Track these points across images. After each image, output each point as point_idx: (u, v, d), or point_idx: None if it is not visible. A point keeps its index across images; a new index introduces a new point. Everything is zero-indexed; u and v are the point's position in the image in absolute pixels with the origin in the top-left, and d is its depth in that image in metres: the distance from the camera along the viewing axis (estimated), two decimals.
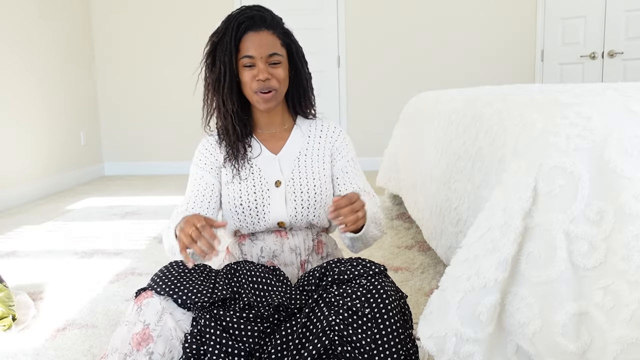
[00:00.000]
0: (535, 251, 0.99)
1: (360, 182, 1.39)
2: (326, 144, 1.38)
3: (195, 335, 1.05)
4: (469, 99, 1.80)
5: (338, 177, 1.38)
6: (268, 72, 1.24)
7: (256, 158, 1.34)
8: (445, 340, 1.02)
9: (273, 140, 1.37)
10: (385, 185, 3.18)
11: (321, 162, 1.36)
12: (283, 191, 1.31)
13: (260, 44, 1.23)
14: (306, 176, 1.33)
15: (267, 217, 1.30)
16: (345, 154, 1.39)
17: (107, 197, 4.03)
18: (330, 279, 1.13)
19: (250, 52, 1.23)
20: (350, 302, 1.04)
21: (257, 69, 1.24)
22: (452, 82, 4.86)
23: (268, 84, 1.25)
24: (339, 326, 1.01)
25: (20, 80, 3.93)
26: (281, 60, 1.26)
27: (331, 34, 4.93)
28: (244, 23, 1.23)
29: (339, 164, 1.38)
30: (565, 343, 0.93)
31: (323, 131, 1.40)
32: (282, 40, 1.27)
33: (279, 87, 1.27)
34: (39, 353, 1.54)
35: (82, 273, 2.25)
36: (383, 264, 1.17)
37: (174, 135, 5.18)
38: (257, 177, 1.32)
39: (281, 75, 1.26)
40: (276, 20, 1.27)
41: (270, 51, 1.24)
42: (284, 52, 1.27)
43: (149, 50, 5.07)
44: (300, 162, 1.35)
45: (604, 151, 0.95)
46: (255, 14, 1.24)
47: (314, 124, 1.40)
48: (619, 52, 4.40)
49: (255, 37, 1.24)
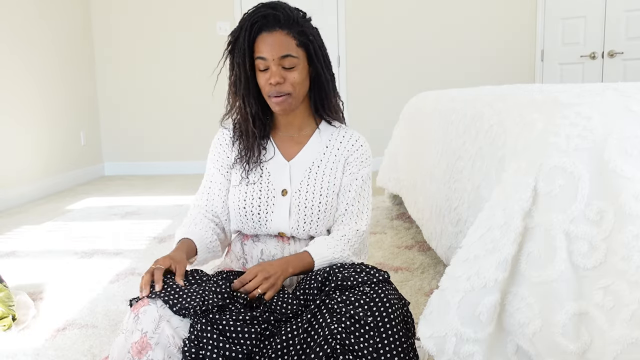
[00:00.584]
0: (535, 251, 0.99)
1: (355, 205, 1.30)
2: (342, 155, 1.31)
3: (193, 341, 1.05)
4: (469, 99, 1.80)
5: (339, 192, 1.31)
6: (281, 75, 1.18)
7: (268, 162, 1.31)
8: (445, 340, 1.02)
9: (290, 144, 1.33)
10: (385, 185, 3.18)
11: (333, 175, 1.30)
12: (288, 201, 1.28)
13: (272, 46, 1.16)
14: (314, 190, 1.28)
15: (268, 225, 1.29)
16: (356, 170, 1.31)
17: (107, 197, 4.03)
18: (333, 284, 1.12)
19: (263, 54, 1.18)
20: (353, 311, 1.04)
21: (270, 72, 1.18)
22: (452, 82, 4.86)
23: (280, 88, 1.19)
24: (341, 335, 1.01)
25: (20, 80, 3.93)
26: (296, 63, 1.19)
27: (331, 34, 4.93)
28: (258, 22, 1.17)
29: (346, 179, 1.31)
30: (565, 343, 0.93)
31: (342, 142, 1.32)
32: (299, 40, 1.18)
33: (293, 91, 1.20)
34: (39, 353, 1.54)
35: (82, 273, 2.25)
36: (386, 271, 1.17)
37: (174, 135, 5.18)
38: (264, 182, 1.30)
39: (296, 79, 1.19)
40: (293, 19, 1.18)
41: (283, 53, 1.17)
42: (300, 53, 1.19)
43: (149, 50, 5.07)
44: (312, 172, 1.29)
45: (604, 151, 0.95)
46: (269, 13, 1.17)
47: (336, 132, 1.33)
48: (619, 52, 4.40)
49: (269, 37, 1.17)
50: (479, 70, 4.88)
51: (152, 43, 5.05)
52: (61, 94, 4.51)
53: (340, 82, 5.00)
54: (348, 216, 1.30)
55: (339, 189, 1.30)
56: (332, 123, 1.34)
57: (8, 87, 3.79)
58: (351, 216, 1.30)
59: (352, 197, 1.30)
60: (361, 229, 1.29)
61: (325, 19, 4.92)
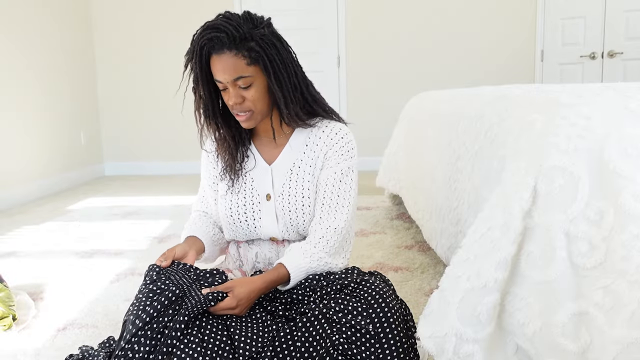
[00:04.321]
0: (535, 251, 0.99)
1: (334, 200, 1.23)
2: (321, 150, 1.26)
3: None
4: (469, 99, 1.80)
5: (318, 188, 1.26)
6: (238, 95, 1.16)
7: (252, 169, 1.31)
8: (445, 340, 1.02)
9: (270, 147, 1.31)
10: (385, 185, 3.18)
11: (314, 174, 1.26)
12: (273, 206, 1.27)
13: (223, 70, 1.14)
14: (295, 192, 1.26)
15: (258, 232, 1.29)
16: (335, 163, 1.25)
17: (107, 197, 4.03)
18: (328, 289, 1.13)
19: (217, 77, 1.16)
20: (353, 320, 1.04)
21: (228, 93, 1.17)
22: (452, 82, 4.86)
23: (240, 108, 1.18)
24: (342, 346, 1.01)
25: (20, 81, 3.93)
26: (251, 81, 1.16)
27: (331, 34, 4.93)
28: (205, 46, 1.14)
29: (324, 173, 1.25)
30: (565, 343, 0.93)
31: (322, 137, 1.27)
32: (250, 58, 1.13)
33: (254, 107, 1.19)
34: (39, 353, 1.54)
35: (82, 273, 2.25)
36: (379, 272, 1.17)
37: (174, 135, 5.18)
38: (249, 189, 1.29)
39: (254, 96, 1.17)
40: (240, 36, 1.12)
41: (234, 75, 1.14)
42: (253, 70, 1.15)
43: (149, 50, 5.07)
44: (293, 174, 1.27)
45: (604, 151, 0.95)
46: (214, 36, 1.12)
47: (316, 128, 1.28)
48: (618, 52, 4.40)
49: (218, 61, 1.14)
50: (479, 70, 4.88)
51: (153, 43, 5.05)
52: (61, 94, 4.51)
53: (340, 82, 5.00)
54: (326, 212, 1.23)
55: (320, 184, 1.26)
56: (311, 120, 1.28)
57: (8, 87, 3.78)
58: (329, 211, 1.23)
59: (330, 192, 1.24)
60: (339, 226, 1.22)
61: (325, 19, 4.92)
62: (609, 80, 4.45)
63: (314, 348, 1.03)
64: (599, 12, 4.42)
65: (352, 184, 1.27)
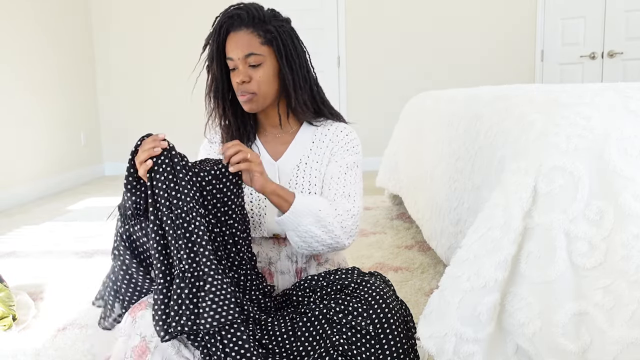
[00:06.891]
0: (535, 251, 0.99)
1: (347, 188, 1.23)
2: (327, 147, 1.27)
3: None
4: (469, 99, 1.80)
5: (325, 183, 1.25)
6: (247, 74, 1.17)
7: None
8: (445, 340, 1.02)
9: (276, 143, 1.31)
10: (385, 185, 3.18)
11: (320, 171, 1.26)
12: None
13: (236, 45, 1.16)
14: (302, 189, 1.25)
15: (262, 228, 1.28)
16: (341, 158, 1.26)
17: (107, 197, 4.03)
18: (328, 289, 1.12)
19: (229, 54, 1.17)
20: (354, 321, 1.03)
21: (237, 72, 1.18)
22: (452, 82, 4.86)
23: (245, 88, 1.18)
24: (342, 346, 1.01)
25: (20, 81, 3.93)
26: (262, 60, 1.17)
27: (331, 34, 4.93)
28: (225, 23, 1.17)
29: (330, 167, 1.26)
30: (565, 343, 0.93)
31: (327, 135, 1.28)
32: (264, 37, 1.16)
33: (257, 90, 1.18)
34: (39, 353, 1.54)
35: (82, 273, 2.25)
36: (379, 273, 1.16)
37: (173, 135, 5.17)
38: None
39: (262, 77, 1.17)
40: (259, 17, 1.17)
41: (247, 51, 1.15)
42: (266, 50, 1.17)
43: (149, 50, 5.07)
44: (300, 171, 1.26)
45: (604, 151, 0.95)
46: (234, 13, 1.16)
47: (321, 127, 1.29)
48: (618, 52, 4.40)
49: (234, 37, 1.17)
50: (479, 70, 4.88)
51: (152, 43, 5.05)
52: (61, 94, 4.51)
53: (340, 82, 5.00)
54: (339, 199, 1.22)
55: (326, 180, 1.25)
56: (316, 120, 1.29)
57: (8, 87, 3.78)
58: (341, 199, 1.22)
59: (337, 184, 1.24)
60: (352, 210, 1.21)
61: (325, 19, 4.92)
62: (609, 80, 4.46)
63: (313, 348, 1.03)
64: (599, 12, 4.42)
65: (357, 178, 1.28)
